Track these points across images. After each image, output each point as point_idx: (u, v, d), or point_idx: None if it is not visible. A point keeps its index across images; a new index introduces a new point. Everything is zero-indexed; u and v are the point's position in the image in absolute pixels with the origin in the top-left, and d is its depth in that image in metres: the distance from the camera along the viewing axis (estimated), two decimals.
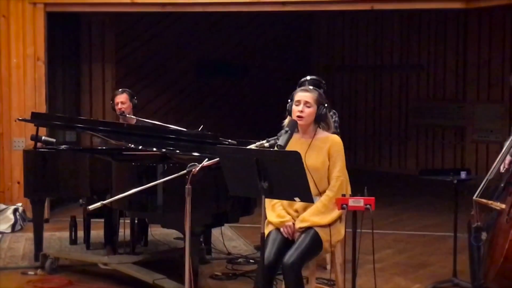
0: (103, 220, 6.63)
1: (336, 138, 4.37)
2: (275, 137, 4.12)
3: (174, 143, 5.59)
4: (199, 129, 6.52)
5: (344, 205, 3.83)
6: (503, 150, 4.78)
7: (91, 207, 3.93)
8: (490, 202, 4.77)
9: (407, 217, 8.81)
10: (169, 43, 11.29)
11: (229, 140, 5.58)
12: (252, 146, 4.01)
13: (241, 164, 3.84)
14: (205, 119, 10.88)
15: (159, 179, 4.75)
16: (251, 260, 6.41)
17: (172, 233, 7.44)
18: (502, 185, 4.91)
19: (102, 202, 3.95)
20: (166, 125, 6.26)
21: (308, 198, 3.82)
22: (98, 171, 5.38)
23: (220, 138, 5.48)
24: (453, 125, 12.19)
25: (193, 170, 4.00)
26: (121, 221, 6.40)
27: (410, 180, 12.05)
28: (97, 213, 6.61)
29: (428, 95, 12.55)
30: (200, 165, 4.01)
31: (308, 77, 6.17)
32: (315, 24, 13.91)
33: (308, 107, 4.32)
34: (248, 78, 12.50)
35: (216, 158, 4.08)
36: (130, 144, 5.33)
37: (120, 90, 6.84)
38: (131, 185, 4.87)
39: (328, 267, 6.06)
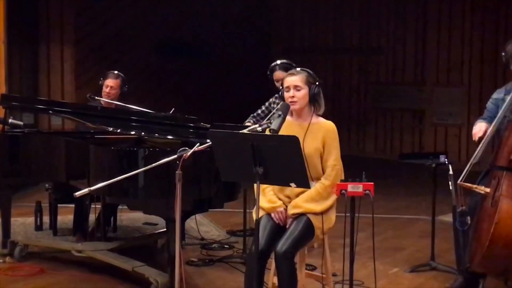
0: (67, 205, 6.44)
1: (331, 126, 4.27)
2: (268, 121, 4.02)
3: (144, 126, 5.43)
4: (171, 112, 6.39)
5: (343, 191, 3.76)
6: (488, 132, 4.76)
7: (78, 193, 3.76)
8: (474, 186, 4.77)
9: (374, 199, 8.79)
10: (130, 22, 11.03)
11: (202, 124, 5.47)
12: (245, 131, 3.91)
13: (236, 149, 3.73)
14: (166, 100, 10.80)
15: (140, 164, 4.64)
16: (225, 246, 6.33)
17: (140, 218, 7.31)
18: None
19: (90, 188, 3.78)
20: (141, 109, 6.06)
21: (304, 184, 3.73)
22: (74, 155, 5.17)
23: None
24: (412, 108, 12.27)
25: (184, 155, 3.88)
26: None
27: (369, 163, 12.11)
28: (64, 198, 6.49)
29: (387, 78, 12.60)
30: (192, 150, 3.89)
31: (279, 61, 6.06)
32: (274, 6, 13.80)
33: (298, 90, 4.22)
34: (210, 59, 12.34)
35: (206, 142, 3.96)
36: (110, 128, 5.15)
37: (115, 73, 6.52)
38: (111, 170, 4.75)
39: (316, 245, 5.99)
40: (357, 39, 12.91)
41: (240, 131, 3.89)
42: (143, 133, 5.22)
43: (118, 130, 5.16)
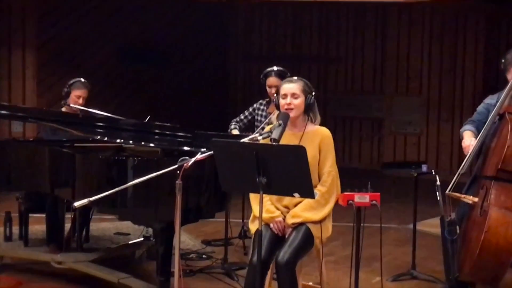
0: (34, 214, 6.27)
1: (326, 131, 4.29)
2: (269, 131, 3.98)
3: (116, 133, 5.36)
4: (146, 120, 6.32)
5: (350, 201, 3.76)
6: (474, 143, 4.81)
7: (77, 204, 3.65)
8: (463, 196, 4.80)
9: (340, 208, 8.83)
10: (92, 27, 10.83)
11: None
12: (245, 140, 3.87)
13: (238, 158, 3.69)
14: (127, 106, 10.66)
15: (130, 173, 4.55)
16: (203, 256, 6.25)
17: (110, 228, 7.19)
18: (471, 177, 4.98)
19: (89, 199, 3.67)
20: (114, 116, 5.97)
21: (309, 194, 3.70)
22: (58, 164, 5.03)
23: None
24: (371, 117, 12.37)
25: (185, 164, 3.81)
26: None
27: None
28: (35, 207, 6.32)
29: (346, 87, 12.68)
30: (193, 159, 3.82)
31: (275, 68, 6.09)
32: (233, 14, 13.77)
33: (296, 98, 4.20)
34: (170, 65, 12.23)
35: (206, 151, 3.91)
36: (97, 136, 5.05)
37: (82, 81, 6.43)
38: (100, 180, 4.64)
39: None
40: (316, 47, 12.97)
41: (242, 140, 3.84)
42: (130, 141, 5.11)
43: (106, 138, 5.04)
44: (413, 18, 11.73)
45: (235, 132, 6.30)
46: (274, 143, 3.78)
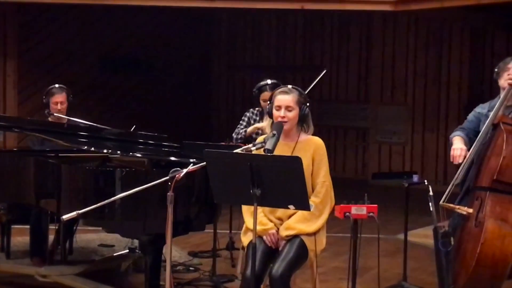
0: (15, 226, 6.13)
1: (319, 141, 4.20)
2: (262, 141, 3.88)
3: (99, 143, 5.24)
4: (132, 129, 6.21)
5: (347, 213, 3.66)
6: (468, 153, 4.74)
7: (65, 217, 3.52)
8: (457, 207, 4.73)
9: (328, 218, 8.74)
10: (74, 36, 10.71)
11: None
12: (238, 151, 3.76)
13: (232, 170, 3.58)
14: (109, 116, 10.54)
15: (117, 185, 4.43)
16: (191, 268, 6.12)
17: (95, 239, 7.04)
18: (464, 187, 4.91)
19: (78, 212, 3.54)
20: (99, 125, 5.84)
21: (304, 206, 3.61)
22: (43, 175, 4.89)
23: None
24: (356, 126, 12.31)
25: (176, 176, 3.69)
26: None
27: None
28: (18, 218, 6.17)
29: (330, 96, 12.61)
30: (185, 170, 3.71)
31: (269, 81, 5.97)
32: (216, 23, 13.68)
33: (290, 111, 4.11)
34: (153, 74, 12.12)
35: (196, 162, 3.81)
36: (82, 146, 4.91)
37: (57, 86, 6.29)
38: (86, 191, 4.52)
39: None
40: (300, 57, 12.90)
41: (235, 151, 3.74)
42: (118, 151, 4.99)
43: (92, 148, 4.91)
44: (398, 27, 11.69)
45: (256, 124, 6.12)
46: (268, 154, 3.68)
